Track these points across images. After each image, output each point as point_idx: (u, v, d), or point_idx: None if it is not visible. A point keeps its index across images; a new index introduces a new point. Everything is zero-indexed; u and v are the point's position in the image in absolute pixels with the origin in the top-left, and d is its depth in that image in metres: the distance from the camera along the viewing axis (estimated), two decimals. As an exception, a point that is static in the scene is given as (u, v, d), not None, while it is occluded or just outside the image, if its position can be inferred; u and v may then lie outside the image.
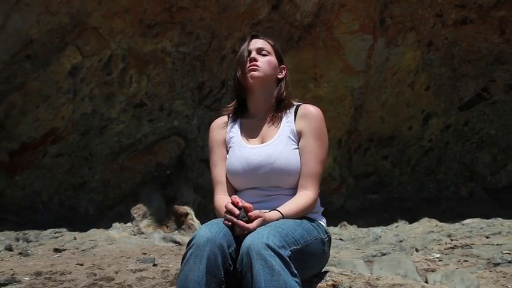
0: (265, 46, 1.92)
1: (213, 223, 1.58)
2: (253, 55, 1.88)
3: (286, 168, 1.78)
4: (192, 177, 5.69)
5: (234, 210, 1.55)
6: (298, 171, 1.79)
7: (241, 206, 1.55)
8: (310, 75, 5.90)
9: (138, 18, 5.46)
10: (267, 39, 1.97)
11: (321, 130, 1.87)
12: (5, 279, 2.77)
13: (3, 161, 5.38)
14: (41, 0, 5.16)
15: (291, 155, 1.80)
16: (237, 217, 1.54)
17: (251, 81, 1.85)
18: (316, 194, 1.80)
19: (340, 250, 4.22)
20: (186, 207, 4.93)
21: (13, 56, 5.29)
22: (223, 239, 1.50)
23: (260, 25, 5.72)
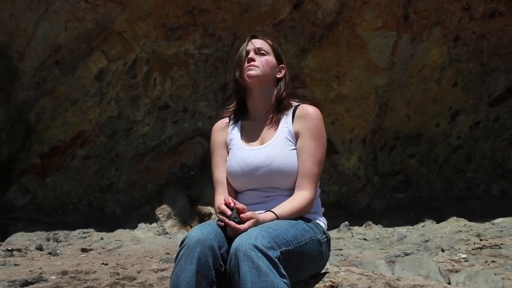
0: (263, 46, 1.91)
1: (205, 224, 1.61)
2: (251, 55, 1.88)
3: (283, 169, 1.77)
4: (216, 178, 5.73)
5: (226, 210, 1.56)
6: (296, 172, 1.78)
7: (233, 206, 1.56)
8: (333, 73, 5.85)
9: (161, 21, 5.55)
10: (266, 39, 1.96)
11: (318, 130, 1.84)
12: (32, 278, 2.87)
13: (35, 164, 5.57)
14: (68, 7, 5.31)
15: (288, 156, 1.80)
16: (228, 218, 1.55)
17: (249, 81, 1.85)
18: (312, 194, 1.79)
19: (363, 250, 4.17)
20: (210, 207, 4.99)
21: (43, 62, 5.48)
22: (214, 240, 1.52)
23: (282, 25, 5.72)
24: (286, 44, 5.81)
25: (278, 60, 1.92)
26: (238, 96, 1.93)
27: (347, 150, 6.04)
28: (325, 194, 5.94)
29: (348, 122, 5.99)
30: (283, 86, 1.90)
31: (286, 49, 5.84)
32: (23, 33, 5.40)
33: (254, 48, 1.88)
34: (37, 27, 5.37)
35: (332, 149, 5.98)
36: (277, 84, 1.90)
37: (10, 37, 5.45)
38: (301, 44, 5.77)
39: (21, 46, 5.44)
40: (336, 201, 5.97)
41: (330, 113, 5.94)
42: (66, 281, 2.86)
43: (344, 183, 5.99)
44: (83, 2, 5.29)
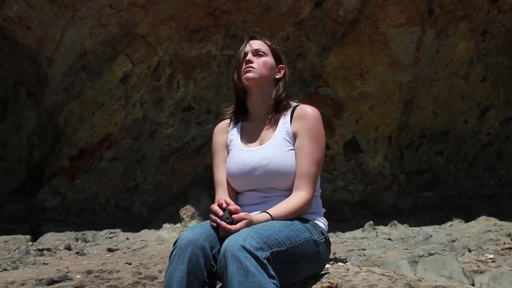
0: (261, 47, 1.88)
1: (199, 225, 1.62)
2: (249, 57, 1.86)
3: (280, 169, 1.76)
4: (240, 178, 5.76)
5: (218, 211, 1.57)
6: (292, 173, 1.77)
7: (225, 207, 1.57)
8: (356, 71, 5.78)
9: (183, 24, 5.62)
10: (264, 40, 1.94)
11: (316, 130, 1.82)
12: (58, 277, 2.96)
13: (65, 166, 5.74)
14: (93, 13, 5.45)
15: (285, 156, 1.78)
16: (220, 218, 1.56)
17: (246, 83, 1.85)
18: (310, 195, 1.76)
19: (387, 250, 4.11)
20: (233, 207, 5.00)
21: (70, 67, 5.64)
22: (206, 241, 1.53)
23: (303, 24, 5.70)
24: (307, 43, 5.78)
25: (277, 61, 1.90)
26: (238, 98, 1.93)
27: (372, 149, 5.96)
28: (349, 193, 5.89)
29: (372, 120, 5.91)
30: (282, 86, 1.88)
31: (308, 48, 5.82)
32: (51, 39, 5.57)
33: (252, 50, 1.87)
34: (64, 34, 5.53)
35: (356, 147, 5.92)
36: (277, 85, 1.88)
37: (39, 44, 5.63)
38: (323, 42, 5.73)
39: (50, 52, 5.61)
40: (361, 200, 5.90)
41: (354, 112, 5.88)
42: (90, 280, 2.94)
43: (369, 182, 5.91)
44: (107, 8, 5.41)
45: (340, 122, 5.88)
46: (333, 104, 5.85)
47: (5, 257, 4.10)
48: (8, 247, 4.49)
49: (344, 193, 5.86)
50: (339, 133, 5.90)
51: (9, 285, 2.93)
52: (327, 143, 5.92)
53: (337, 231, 5.01)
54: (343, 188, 5.88)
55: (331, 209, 5.72)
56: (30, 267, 3.58)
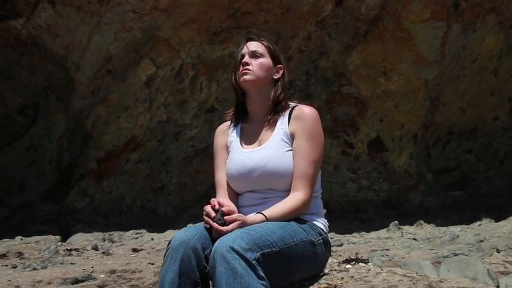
0: (258, 48, 1.86)
1: (193, 226, 1.63)
2: (246, 59, 1.85)
3: (277, 170, 1.75)
4: (264, 178, 5.77)
5: (210, 212, 1.58)
6: (290, 174, 1.76)
7: (218, 208, 1.57)
8: (379, 69, 5.70)
9: (205, 26, 5.67)
10: (262, 40, 1.92)
11: (313, 131, 1.79)
12: (82, 276, 3.04)
13: (92, 169, 5.89)
14: (118, 18, 5.57)
15: (283, 157, 1.77)
16: (213, 219, 1.57)
17: (243, 85, 1.85)
18: (307, 196, 1.74)
19: (411, 250, 4.03)
20: (256, 208, 5.02)
21: (96, 72, 5.78)
22: (198, 242, 1.54)
23: (325, 22, 5.66)
24: (330, 42, 5.74)
25: (275, 61, 1.88)
26: (237, 99, 1.94)
27: (397, 147, 5.86)
28: (374, 193, 5.81)
29: (397, 118, 5.82)
30: (281, 87, 1.87)
31: (330, 47, 5.78)
32: (78, 45, 5.73)
33: (249, 52, 1.86)
34: (90, 40, 5.67)
35: (381, 146, 5.84)
36: (275, 86, 1.87)
37: (67, 50, 5.80)
38: (345, 40, 5.68)
39: (77, 58, 5.77)
40: (386, 199, 5.81)
41: (378, 110, 5.80)
42: (112, 279, 3.01)
43: (395, 181, 5.82)
44: (130, 13, 5.52)
45: (364, 121, 5.81)
46: (356, 102, 5.78)
47: (35, 256, 4.24)
48: (39, 247, 4.64)
49: (369, 192, 5.79)
50: (363, 132, 5.83)
51: (36, 284, 3.03)
52: (351, 142, 5.87)
53: (362, 231, 4.95)
54: (367, 188, 5.81)
55: (356, 209, 5.67)
56: (58, 266, 3.70)
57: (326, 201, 5.92)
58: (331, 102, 5.82)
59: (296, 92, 6.00)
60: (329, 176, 5.72)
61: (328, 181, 5.69)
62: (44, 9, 5.56)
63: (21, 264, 3.78)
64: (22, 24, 5.68)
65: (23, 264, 3.73)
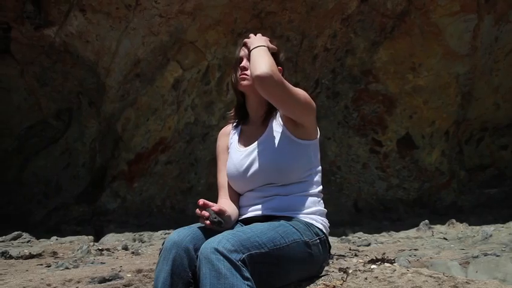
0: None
1: (186, 227, 1.65)
2: (243, 63, 1.85)
3: (271, 164, 1.75)
4: (291, 178, 5.76)
5: (204, 214, 1.60)
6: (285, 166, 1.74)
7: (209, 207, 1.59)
8: (407, 65, 5.58)
9: (230, 28, 5.71)
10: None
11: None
12: (109, 275, 3.12)
13: (123, 171, 6.04)
14: (145, 23, 5.69)
15: (274, 151, 1.77)
16: (208, 219, 1.58)
17: (242, 89, 1.86)
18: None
19: (441, 250, 3.92)
20: (283, 207, 5.01)
21: (125, 76, 5.93)
22: (190, 243, 1.56)
23: (350, 19, 5.59)
24: (356, 39, 5.66)
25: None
26: (238, 101, 1.94)
27: (428, 145, 5.72)
28: (405, 191, 5.69)
29: (427, 114, 5.67)
30: None
31: (356, 44, 5.70)
32: (107, 51, 5.89)
33: (246, 55, 1.86)
34: (119, 45, 5.82)
35: (411, 144, 5.71)
36: None
37: (97, 56, 5.97)
38: (372, 37, 5.59)
39: (107, 63, 5.93)
40: (417, 198, 5.67)
41: (407, 107, 5.68)
42: (138, 278, 3.07)
43: (426, 180, 5.67)
44: (157, 17, 5.62)
45: (392, 118, 5.70)
46: (384, 99, 5.68)
47: (68, 256, 4.39)
48: (73, 247, 4.79)
49: (399, 191, 5.67)
50: (392, 129, 5.72)
51: (66, 282, 3.13)
52: (379, 140, 5.77)
53: (391, 230, 4.86)
54: (397, 186, 5.69)
55: (385, 208, 5.56)
56: (88, 266, 3.81)
57: (355, 200, 5.86)
58: (358, 100, 5.75)
59: (322, 90, 5.95)
60: (357, 175, 5.65)
61: (356, 180, 5.62)
62: (76, 17, 5.74)
63: (54, 263, 3.92)
64: (55, 32, 5.88)
65: (56, 264, 3.86)
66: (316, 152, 1.85)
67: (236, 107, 1.96)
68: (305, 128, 1.78)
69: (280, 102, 1.70)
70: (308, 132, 1.80)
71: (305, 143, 1.80)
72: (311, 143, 1.82)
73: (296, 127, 1.78)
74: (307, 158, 1.81)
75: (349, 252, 4.00)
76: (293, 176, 1.77)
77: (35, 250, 4.55)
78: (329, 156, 5.76)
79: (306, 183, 1.81)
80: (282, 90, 1.65)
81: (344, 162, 5.71)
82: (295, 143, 1.79)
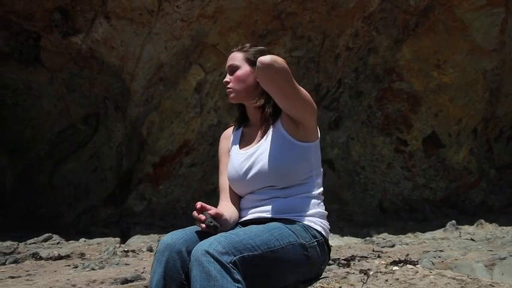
0: (234, 61, 1.85)
1: (180, 230, 1.66)
2: (226, 78, 1.86)
3: (269, 167, 1.74)
4: (315, 179, 5.73)
5: (201, 217, 1.60)
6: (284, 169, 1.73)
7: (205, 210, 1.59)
8: (432, 62, 5.47)
9: (251, 30, 5.74)
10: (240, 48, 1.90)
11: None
12: (132, 276, 3.19)
13: (149, 173, 6.15)
14: (167, 28, 5.78)
15: (274, 153, 1.75)
16: (203, 222, 1.59)
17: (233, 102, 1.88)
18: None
19: (468, 252, 3.81)
20: (306, 208, 4.99)
21: (149, 80, 6.03)
22: (183, 245, 1.57)
23: (372, 18, 5.52)
24: (378, 37, 5.59)
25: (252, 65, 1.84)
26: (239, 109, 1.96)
27: (455, 143, 5.58)
28: (431, 191, 5.57)
29: (454, 112, 5.54)
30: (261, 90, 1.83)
31: (378, 42, 5.62)
32: (131, 56, 6.01)
33: (227, 68, 1.87)
34: (143, 50, 5.93)
35: (437, 142, 5.59)
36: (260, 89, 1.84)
37: (122, 61, 6.10)
38: (394, 35, 5.50)
39: (131, 68, 6.05)
40: (444, 198, 5.54)
41: (432, 105, 5.56)
42: (159, 280, 3.12)
43: (453, 179, 5.54)
44: (179, 21, 5.70)
45: (417, 117, 5.59)
46: (408, 98, 5.58)
47: (95, 257, 4.50)
48: (100, 248, 4.91)
49: (425, 191, 5.55)
50: (417, 128, 5.61)
51: (91, 283, 3.21)
52: (404, 140, 5.67)
53: (416, 231, 4.76)
54: (424, 186, 5.57)
55: (411, 208, 5.46)
56: (113, 267, 3.89)
57: (379, 200, 5.78)
58: (382, 99, 5.66)
59: (345, 90, 5.90)
60: (382, 175, 5.56)
61: (381, 180, 5.53)
62: (101, 24, 5.89)
63: (81, 264, 4.03)
64: (82, 40, 6.05)
65: (83, 265, 3.97)
66: (316, 154, 1.84)
67: (237, 118, 1.98)
68: (305, 129, 1.77)
69: (282, 92, 1.67)
70: (308, 134, 1.79)
71: (305, 145, 1.79)
72: (311, 145, 1.81)
73: (296, 129, 1.77)
74: (307, 160, 1.79)
75: (372, 253, 3.95)
76: (293, 178, 1.76)
77: (64, 251, 4.68)
78: (353, 157, 5.70)
79: (306, 185, 1.79)
80: (284, 79, 1.63)
81: (368, 162, 5.63)
82: (294, 145, 1.77)
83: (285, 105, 1.73)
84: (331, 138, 5.83)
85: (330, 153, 5.80)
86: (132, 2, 5.59)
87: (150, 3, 5.58)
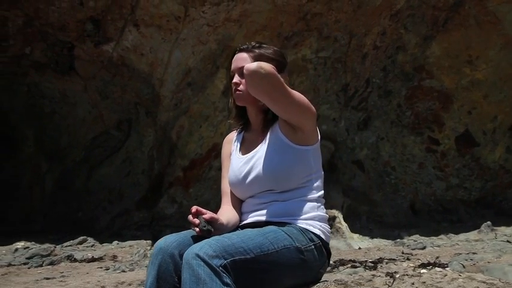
0: (244, 62, 1.79)
1: (174, 234, 1.69)
2: (235, 79, 1.82)
3: (267, 172, 1.73)
4: (344, 180, 5.67)
5: (194, 221, 1.62)
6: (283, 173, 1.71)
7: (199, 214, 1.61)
8: (463, 58, 5.31)
9: (276, 32, 5.74)
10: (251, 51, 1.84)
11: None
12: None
13: (179, 177, 6.24)
14: (194, 33, 5.86)
15: (272, 157, 1.74)
16: (197, 226, 1.61)
17: (241, 105, 1.86)
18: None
19: (502, 254, 3.67)
20: (334, 210, 4.94)
21: (178, 85, 6.14)
22: (176, 249, 1.60)
23: (399, 15, 5.42)
24: (406, 35, 5.48)
25: None
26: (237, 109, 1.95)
27: (490, 141, 5.38)
28: (466, 191, 5.39)
29: (488, 109, 5.35)
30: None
31: (407, 40, 5.51)
32: (160, 62, 6.14)
33: (237, 69, 1.85)
34: (171, 56, 6.05)
35: (471, 141, 5.41)
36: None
37: (151, 67, 6.24)
38: (423, 31, 5.37)
39: (160, 74, 6.18)
40: (479, 198, 5.36)
41: (465, 102, 5.39)
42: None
43: (489, 178, 5.34)
44: (205, 26, 5.77)
45: (449, 115, 5.43)
46: (439, 96, 5.43)
47: (126, 259, 4.62)
48: (132, 251, 5.03)
49: (459, 191, 5.38)
50: (449, 127, 5.45)
51: (119, 284, 3.30)
52: (436, 139, 5.52)
53: (450, 233, 4.63)
54: (457, 186, 5.40)
55: (445, 209, 5.31)
56: (143, 269, 3.98)
57: (411, 201, 5.65)
58: (411, 98, 5.54)
59: (374, 89, 5.81)
60: (413, 175, 5.43)
61: (412, 180, 5.41)
62: (130, 32, 6.04)
63: (112, 266, 4.15)
64: (113, 48, 6.23)
65: (114, 267, 4.08)
66: (316, 157, 1.82)
67: (235, 117, 1.98)
68: (303, 132, 1.76)
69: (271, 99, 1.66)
70: (307, 138, 1.77)
71: (304, 149, 1.77)
72: (310, 148, 1.79)
73: (294, 133, 1.76)
74: (306, 163, 1.78)
75: (401, 255, 3.87)
76: (291, 182, 1.75)
77: (97, 254, 4.83)
78: (383, 157, 5.60)
79: (305, 188, 1.78)
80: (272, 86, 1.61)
81: (399, 162, 5.52)
82: (293, 149, 1.77)
83: (278, 111, 1.73)
84: (360, 138, 5.75)
85: (359, 154, 5.72)
86: (159, 9, 5.71)
87: (177, 10, 5.68)
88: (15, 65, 6.95)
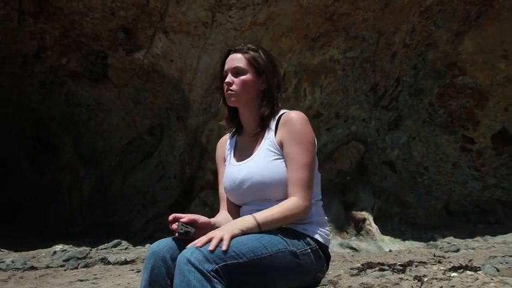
0: (239, 64, 1.82)
1: (167, 238, 1.70)
2: (228, 79, 1.82)
3: (263, 180, 1.70)
4: (375, 181, 5.56)
5: (173, 227, 1.66)
6: (279, 182, 1.68)
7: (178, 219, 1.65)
8: (498, 53, 5.11)
9: (303, 33, 5.71)
10: (245, 51, 1.85)
11: (300, 134, 1.71)
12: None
13: (210, 180, 6.31)
14: (221, 38, 5.92)
15: (269, 166, 1.71)
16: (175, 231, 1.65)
17: (231, 105, 1.84)
18: (304, 200, 1.64)
19: (533, 259, 3.49)
20: (364, 212, 4.86)
21: (206, 90, 6.22)
22: (168, 252, 1.62)
23: (429, 11, 5.28)
24: (437, 31, 5.33)
25: (258, 73, 1.82)
26: (229, 112, 1.93)
27: (529, 139, 5.16)
28: (504, 191, 5.18)
29: (526, 105, 5.13)
30: (266, 99, 1.80)
31: (438, 36, 5.36)
32: (189, 67, 6.24)
33: (231, 69, 1.83)
34: (199, 61, 6.13)
35: (508, 139, 5.19)
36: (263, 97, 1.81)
37: (181, 73, 6.35)
38: (455, 27, 5.21)
39: (189, 79, 6.28)
40: (519, 199, 5.13)
41: (501, 99, 5.18)
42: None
43: (530, 178, 5.11)
44: (232, 31, 5.82)
45: (484, 113, 5.24)
46: (473, 93, 5.25)
47: (158, 262, 4.70)
48: (163, 254, 5.12)
49: (497, 191, 5.17)
50: (485, 125, 5.25)
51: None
52: (470, 137, 5.33)
53: (486, 235, 4.46)
54: (495, 186, 5.19)
55: (481, 210, 5.12)
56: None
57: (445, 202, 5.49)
58: (444, 96, 5.38)
59: (404, 88, 5.68)
60: (447, 176, 5.27)
61: (446, 181, 5.24)
62: (160, 39, 6.17)
63: (144, 269, 4.23)
64: (144, 55, 6.38)
65: (145, 269, 4.16)
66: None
67: (226, 119, 1.97)
68: None
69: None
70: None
71: None
72: None
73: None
74: None
75: (433, 258, 3.76)
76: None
77: (130, 256, 4.95)
78: (415, 157, 5.46)
79: None
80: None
81: (432, 162, 5.37)
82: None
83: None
84: (391, 139, 5.64)
85: (390, 155, 5.61)
86: (187, 15, 5.81)
87: (204, 16, 5.76)
88: (53, 75, 7.24)
